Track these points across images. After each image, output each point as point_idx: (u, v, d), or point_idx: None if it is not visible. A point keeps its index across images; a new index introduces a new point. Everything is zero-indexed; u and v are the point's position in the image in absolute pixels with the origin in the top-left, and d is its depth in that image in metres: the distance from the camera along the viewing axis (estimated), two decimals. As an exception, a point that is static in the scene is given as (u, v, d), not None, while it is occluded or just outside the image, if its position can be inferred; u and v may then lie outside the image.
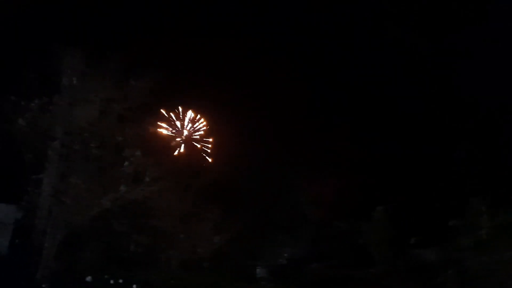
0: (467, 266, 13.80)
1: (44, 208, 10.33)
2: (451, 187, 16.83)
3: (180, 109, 19.62)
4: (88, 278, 9.85)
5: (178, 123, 19.57)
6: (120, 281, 9.91)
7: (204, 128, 20.76)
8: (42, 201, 10.39)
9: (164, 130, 18.46)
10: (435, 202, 16.18)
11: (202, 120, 20.79)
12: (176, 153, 17.61)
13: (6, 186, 10.74)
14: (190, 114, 20.02)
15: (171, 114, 19.28)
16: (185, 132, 19.17)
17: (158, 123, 17.75)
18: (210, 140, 21.07)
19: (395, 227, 15.50)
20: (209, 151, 20.83)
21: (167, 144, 16.90)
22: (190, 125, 19.93)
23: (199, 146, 19.60)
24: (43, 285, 9.45)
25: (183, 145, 18.52)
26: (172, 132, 18.85)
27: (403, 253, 15.11)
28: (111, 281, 9.84)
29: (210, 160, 20.44)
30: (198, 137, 20.32)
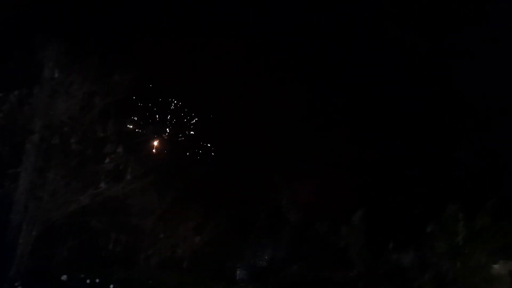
0: (443, 271, 14.14)
1: (20, 203, 10.01)
2: (429, 193, 17.24)
3: (163, 105, 19.45)
4: (64, 277, 9.59)
5: (160, 120, 19.41)
6: (97, 280, 9.68)
7: (188, 125, 20.62)
8: (18, 196, 10.06)
9: (146, 126, 18.26)
10: (413, 207, 16.53)
11: (186, 117, 20.65)
12: (158, 150, 17.42)
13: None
14: (174, 111, 19.86)
15: (155, 110, 19.10)
16: (168, 130, 19.03)
17: (141, 119, 17.55)
18: (193, 138, 20.93)
19: (374, 231, 15.73)
20: (191, 149, 20.71)
21: (149, 141, 16.67)
22: (173, 122, 19.77)
23: (182, 144, 19.50)
24: (16, 284, 9.15)
25: (165, 143, 18.36)
26: (154, 129, 18.65)
27: (381, 257, 15.35)
28: (88, 281, 9.61)
29: (192, 159, 20.34)
30: (181, 135, 20.17)
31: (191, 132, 20.85)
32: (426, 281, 14.29)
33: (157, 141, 17.39)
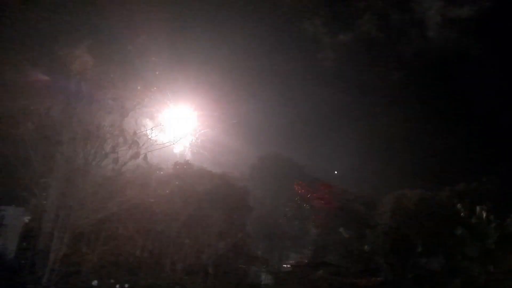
0: (474, 275, 13.68)
1: (52, 211, 10.39)
2: (458, 196, 16.72)
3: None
4: (94, 282, 9.88)
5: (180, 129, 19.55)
6: (126, 285, 9.92)
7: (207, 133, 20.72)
8: (49, 204, 10.44)
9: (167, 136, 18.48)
10: (440, 210, 16.06)
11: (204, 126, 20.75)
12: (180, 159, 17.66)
13: (14, 189, 10.85)
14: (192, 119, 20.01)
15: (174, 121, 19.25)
16: (188, 138, 19.20)
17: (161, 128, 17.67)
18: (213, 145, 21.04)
19: (401, 235, 15.38)
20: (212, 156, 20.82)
21: (171, 149, 16.90)
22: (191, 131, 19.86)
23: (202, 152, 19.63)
24: (50, 289, 9.47)
25: (186, 151, 18.58)
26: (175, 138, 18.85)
27: (408, 262, 14.99)
28: (117, 286, 9.86)
29: (213, 166, 20.46)
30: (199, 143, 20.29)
31: (210, 138, 20.97)
32: (456, 286, 13.88)
33: (179, 149, 17.59)
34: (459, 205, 15.19)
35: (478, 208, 14.84)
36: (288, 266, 18.20)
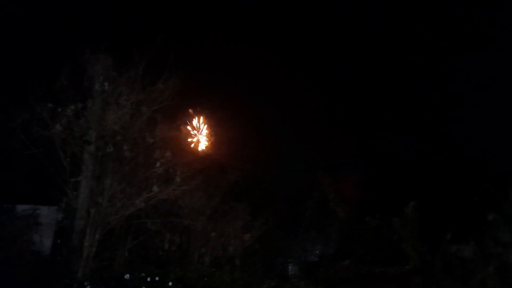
0: (507, 262, 13.25)
1: (83, 209, 10.76)
2: (489, 179, 16.20)
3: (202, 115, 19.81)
4: (126, 276, 10.17)
5: (201, 124, 19.83)
6: (157, 278, 10.19)
7: (231, 127, 20.87)
8: (80, 202, 10.81)
9: (190, 130, 18.79)
10: (472, 195, 15.63)
11: (229, 120, 20.92)
12: (204, 152, 17.91)
13: (47, 189, 11.32)
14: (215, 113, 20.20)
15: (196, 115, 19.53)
16: (206, 132, 19.41)
17: (185, 124, 18.00)
18: (237, 139, 21.18)
19: (430, 222, 15.07)
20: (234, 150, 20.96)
21: (194, 144, 17.17)
22: (216, 125, 20.08)
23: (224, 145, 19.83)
24: (85, 283, 9.86)
25: (208, 145, 18.80)
26: (197, 132, 19.14)
27: (439, 249, 14.69)
28: (148, 279, 10.14)
29: (236, 158, 20.61)
30: (224, 136, 20.49)
31: (235, 133, 21.14)
32: (490, 274, 13.48)
33: (202, 143, 17.86)
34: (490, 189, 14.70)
35: (511, 192, 14.31)
36: (314, 257, 18.20)
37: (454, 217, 15.70)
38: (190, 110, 17.87)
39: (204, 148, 18.73)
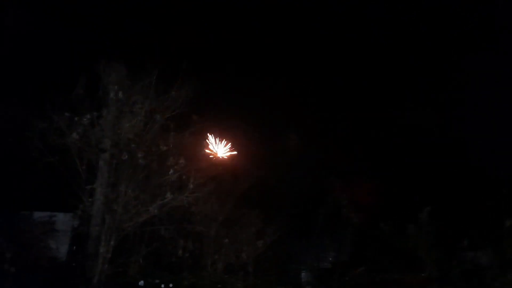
0: (527, 269, 12.94)
1: (98, 216, 10.91)
2: (506, 184, 15.87)
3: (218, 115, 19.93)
4: (141, 283, 10.28)
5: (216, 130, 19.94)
6: (170, 285, 10.26)
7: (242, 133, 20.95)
8: (95, 209, 10.97)
9: (203, 138, 18.90)
10: (488, 200, 15.32)
11: (239, 126, 21.01)
12: (216, 159, 17.99)
13: (63, 196, 11.52)
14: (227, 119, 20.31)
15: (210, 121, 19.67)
16: (223, 139, 19.53)
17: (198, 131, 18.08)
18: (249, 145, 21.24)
19: (445, 228, 14.82)
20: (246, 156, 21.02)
21: (206, 151, 17.25)
22: (228, 131, 20.18)
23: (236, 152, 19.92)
24: (100, 289, 9.97)
25: (223, 151, 18.88)
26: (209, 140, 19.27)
27: (455, 256, 14.41)
28: (162, 285, 10.22)
29: (248, 165, 20.64)
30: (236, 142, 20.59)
31: (248, 140, 21.23)
32: (509, 281, 13.16)
33: (215, 150, 17.94)
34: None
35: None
36: (327, 263, 18.04)
37: (470, 223, 15.40)
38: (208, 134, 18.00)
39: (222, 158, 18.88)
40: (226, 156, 18.22)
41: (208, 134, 17.87)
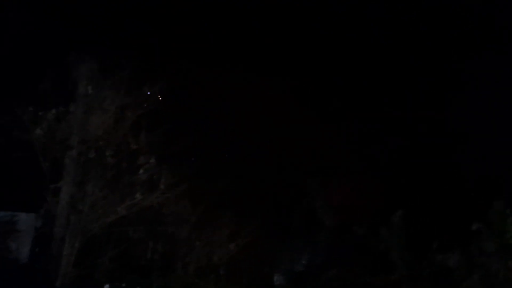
0: (493, 271, 13.34)
1: (62, 216, 10.51)
2: (474, 190, 16.36)
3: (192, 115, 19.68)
4: (107, 286, 9.95)
5: (190, 130, 19.65)
6: (137, 288, 9.93)
7: (216, 134, 20.74)
8: (60, 209, 10.57)
9: (176, 136, 18.55)
10: (457, 205, 15.76)
11: (214, 126, 20.79)
12: (189, 159, 17.71)
13: (25, 195, 10.99)
14: (202, 120, 20.08)
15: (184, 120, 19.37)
16: (197, 139, 19.24)
17: (171, 129, 17.76)
18: (223, 146, 21.06)
19: (416, 231, 15.12)
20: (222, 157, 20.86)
21: (180, 150, 16.91)
22: (202, 131, 19.94)
23: (212, 152, 19.67)
24: (62, 293, 9.56)
25: (196, 152, 18.60)
26: (184, 139, 18.93)
27: (425, 258, 14.72)
28: (129, 289, 9.88)
29: (224, 166, 20.47)
30: (210, 143, 20.34)
31: (220, 140, 21.04)
32: (475, 282, 13.53)
33: (188, 150, 17.60)
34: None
35: (495, 202, 14.48)
36: (301, 266, 18.05)
37: (440, 226, 15.79)
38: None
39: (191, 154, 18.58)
40: None
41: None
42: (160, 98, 11.81)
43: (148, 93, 11.70)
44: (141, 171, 11.11)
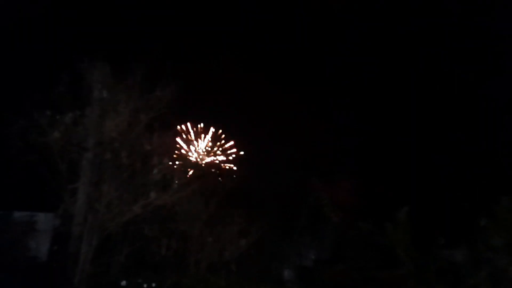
0: (500, 267, 13.44)
1: (80, 215, 10.82)
2: (480, 185, 16.46)
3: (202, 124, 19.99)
4: (123, 283, 10.25)
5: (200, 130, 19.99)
6: (153, 284, 10.27)
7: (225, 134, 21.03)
8: (77, 209, 10.87)
9: (187, 137, 18.94)
10: (463, 200, 15.86)
11: (224, 127, 21.10)
12: (200, 159, 18.05)
13: (44, 196, 11.36)
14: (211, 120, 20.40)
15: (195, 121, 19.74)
16: (208, 139, 19.62)
17: (183, 131, 18.10)
18: (232, 144, 21.37)
19: (422, 227, 15.26)
20: (231, 157, 21.18)
21: (191, 151, 17.26)
22: (212, 132, 20.23)
23: (221, 152, 20.00)
24: (81, 289, 9.91)
25: (206, 151, 18.97)
26: (194, 139, 19.31)
27: (431, 254, 14.86)
28: (145, 285, 10.23)
29: (232, 165, 20.79)
30: (219, 143, 20.67)
31: (230, 140, 21.32)
32: (482, 278, 13.65)
33: (199, 149, 17.96)
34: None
35: (502, 197, 14.57)
36: (309, 262, 18.33)
37: (446, 222, 15.92)
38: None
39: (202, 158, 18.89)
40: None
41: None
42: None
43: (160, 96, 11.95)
44: (155, 171, 11.39)
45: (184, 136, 19.14)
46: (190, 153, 18.94)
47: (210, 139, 19.69)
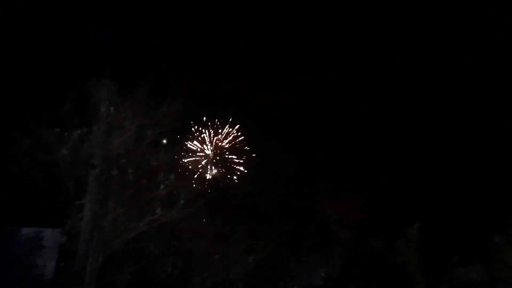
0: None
1: (86, 232, 10.80)
2: (494, 201, 16.06)
3: (207, 132, 20.09)
4: (128, 300, 10.10)
5: (206, 146, 20.04)
6: (158, 303, 10.09)
7: (232, 149, 21.03)
8: (84, 225, 10.87)
9: (194, 153, 18.96)
10: (477, 217, 15.47)
11: (229, 140, 21.12)
12: (206, 175, 18.02)
13: (51, 212, 11.40)
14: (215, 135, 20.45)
15: (200, 137, 19.79)
16: (214, 155, 19.62)
17: (188, 146, 18.10)
18: (238, 161, 21.33)
19: (434, 244, 14.88)
20: (237, 172, 21.09)
21: (197, 166, 17.24)
22: (217, 147, 20.25)
23: (227, 167, 19.94)
24: (86, 307, 9.79)
25: (212, 167, 18.93)
26: (201, 155, 19.30)
27: (445, 272, 14.44)
28: (149, 303, 10.05)
29: (237, 181, 20.70)
30: (226, 158, 20.64)
31: (235, 156, 21.31)
32: (498, 296, 13.21)
33: (205, 166, 17.95)
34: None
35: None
36: (318, 280, 17.92)
37: (459, 239, 15.50)
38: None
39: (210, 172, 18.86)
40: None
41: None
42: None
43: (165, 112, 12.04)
44: (161, 187, 11.37)
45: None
46: (204, 151, 18.95)
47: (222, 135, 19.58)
